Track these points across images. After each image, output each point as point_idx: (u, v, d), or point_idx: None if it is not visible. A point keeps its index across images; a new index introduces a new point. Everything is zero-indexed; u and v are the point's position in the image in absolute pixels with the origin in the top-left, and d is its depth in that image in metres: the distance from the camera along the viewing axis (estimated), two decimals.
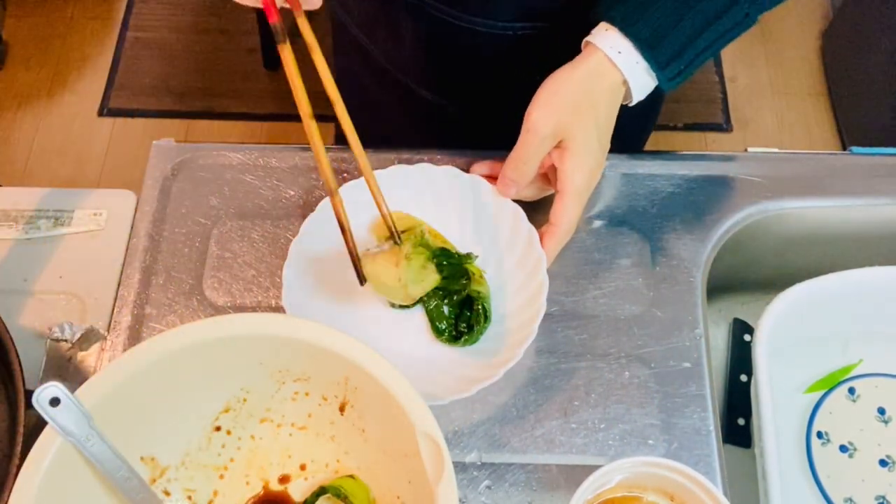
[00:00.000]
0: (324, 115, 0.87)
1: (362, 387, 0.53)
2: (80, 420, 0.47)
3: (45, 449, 0.47)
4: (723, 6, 0.59)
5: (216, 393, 0.56)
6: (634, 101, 0.62)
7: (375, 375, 0.50)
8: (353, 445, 0.57)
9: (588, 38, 0.60)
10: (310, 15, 0.54)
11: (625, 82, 0.60)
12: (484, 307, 0.63)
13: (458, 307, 0.64)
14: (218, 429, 0.57)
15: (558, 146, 0.60)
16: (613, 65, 0.59)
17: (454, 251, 0.65)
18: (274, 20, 0.52)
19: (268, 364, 0.55)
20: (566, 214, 0.61)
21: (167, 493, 0.55)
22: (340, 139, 0.98)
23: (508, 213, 0.65)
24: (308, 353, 0.52)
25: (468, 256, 0.64)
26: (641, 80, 0.60)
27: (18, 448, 0.53)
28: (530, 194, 0.66)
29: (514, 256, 0.64)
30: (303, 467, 0.58)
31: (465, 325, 0.63)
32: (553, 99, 0.59)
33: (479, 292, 0.63)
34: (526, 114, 0.60)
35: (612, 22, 0.59)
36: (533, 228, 0.63)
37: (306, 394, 0.57)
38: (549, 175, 0.65)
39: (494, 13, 0.68)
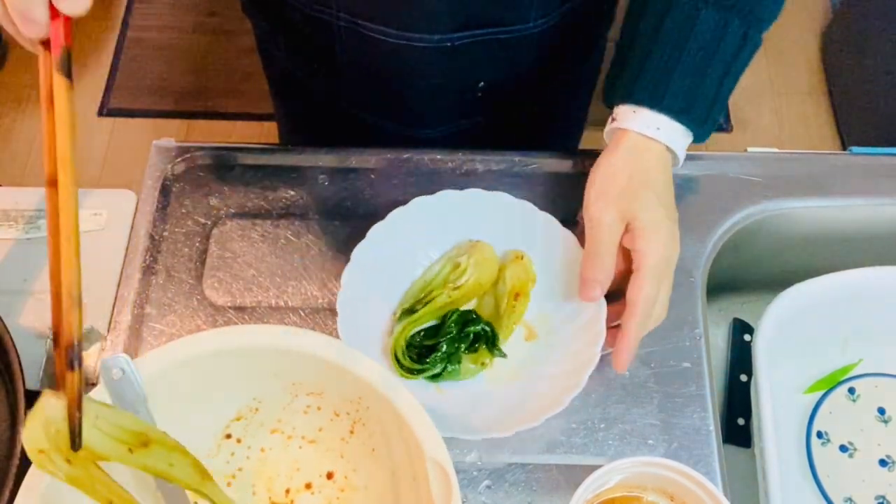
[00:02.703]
0: (266, 113, 0.86)
1: (375, 407, 0.52)
2: (138, 397, 0.48)
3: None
4: (736, 46, 0.59)
5: (229, 401, 0.56)
6: (681, 163, 0.61)
7: (389, 398, 0.49)
8: (361, 463, 0.57)
9: (615, 126, 0.59)
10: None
11: (668, 149, 0.59)
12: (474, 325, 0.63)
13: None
14: (228, 436, 0.57)
15: (628, 231, 0.58)
16: (652, 139, 0.58)
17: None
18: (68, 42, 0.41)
19: (282, 376, 0.54)
20: (641, 293, 0.57)
21: None
22: (293, 139, 0.98)
23: (559, 241, 0.64)
24: (323, 370, 0.52)
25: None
26: (682, 142, 0.60)
27: (18, 448, 0.53)
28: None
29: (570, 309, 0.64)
30: (309, 482, 0.58)
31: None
32: (606, 187, 0.58)
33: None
34: (584, 210, 0.59)
35: (639, 103, 0.58)
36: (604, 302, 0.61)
37: (318, 408, 0.57)
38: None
39: (431, 27, 0.68)
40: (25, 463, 0.48)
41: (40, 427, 0.41)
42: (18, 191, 0.73)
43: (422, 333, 0.63)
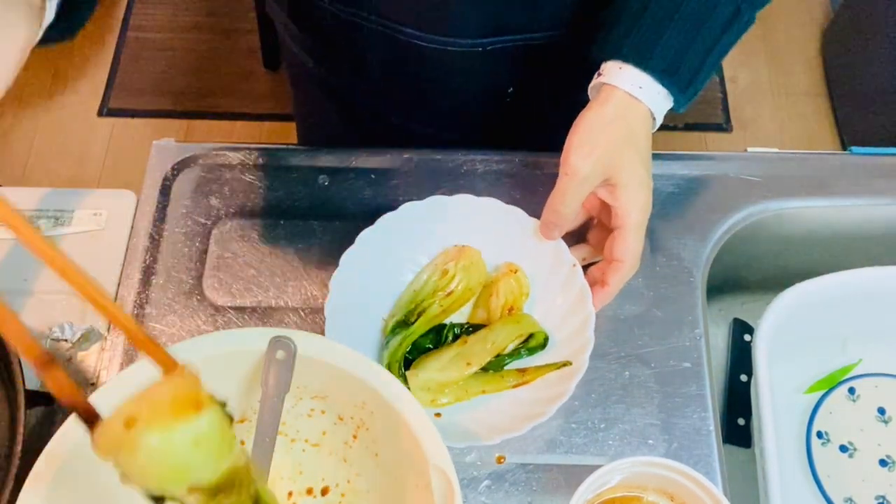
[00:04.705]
0: (282, 114, 0.83)
1: (379, 413, 0.52)
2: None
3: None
4: (727, 18, 0.59)
5: (234, 402, 0.56)
6: (657, 127, 0.62)
7: (393, 404, 0.49)
8: (365, 468, 0.57)
9: (601, 80, 0.60)
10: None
11: (649, 111, 0.60)
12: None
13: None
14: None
15: (606, 186, 0.60)
16: (637, 99, 0.58)
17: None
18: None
19: None
20: (629, 249, 0.59)
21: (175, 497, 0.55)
22: (305, 140, 0.98)
23: (549, 248, 0.64)
24: (328, 374, 0.52)
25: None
26: (662, 106, 0.60)
27: (18, 448, 0.53)
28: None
29: (558, 289, 0.64)
30: (311, 487, 0.58)
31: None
32: (589, 139, 0.58)
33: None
34: (562, 158, 0.59)
35: (626, 60, 0.58)
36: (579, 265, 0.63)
37: (322, 412, 0.56)
38: (591, 240, 0.65)
39: (463, 31, 0.68)
40: (26, 463, 0.48)
41: None
42: (18, 191, 0.73)
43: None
